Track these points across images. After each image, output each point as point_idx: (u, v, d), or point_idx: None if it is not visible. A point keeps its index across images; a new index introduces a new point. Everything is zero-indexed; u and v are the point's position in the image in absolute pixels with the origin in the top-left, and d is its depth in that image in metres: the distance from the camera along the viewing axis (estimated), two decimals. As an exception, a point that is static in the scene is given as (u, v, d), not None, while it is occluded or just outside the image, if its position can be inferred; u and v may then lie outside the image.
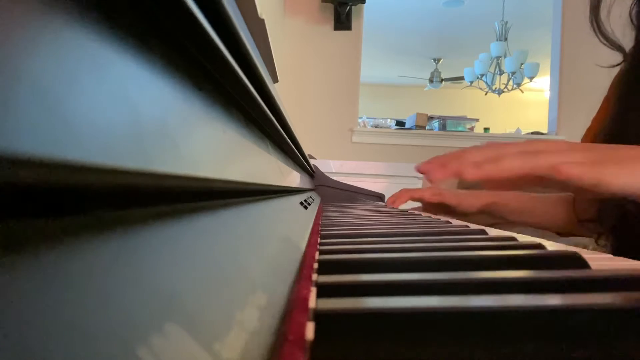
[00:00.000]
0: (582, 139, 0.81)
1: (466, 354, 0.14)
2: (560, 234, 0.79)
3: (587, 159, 0.37)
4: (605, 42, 0.69)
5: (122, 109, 0.10)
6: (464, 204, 0.86)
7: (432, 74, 5.44)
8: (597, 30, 0.69)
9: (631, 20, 0.66)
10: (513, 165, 0.38)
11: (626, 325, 0.15)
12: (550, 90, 2.83)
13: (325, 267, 0.25)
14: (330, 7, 2.62)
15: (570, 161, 0.37)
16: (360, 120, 2.88)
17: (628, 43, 0.68)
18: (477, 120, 3.13)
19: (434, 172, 0.43)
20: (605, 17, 0.68)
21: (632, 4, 0.66)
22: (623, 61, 0.69)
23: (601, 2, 0.68)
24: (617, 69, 0.73)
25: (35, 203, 0.07)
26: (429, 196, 0.93)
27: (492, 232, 0.43)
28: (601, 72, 0.75)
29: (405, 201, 1.01)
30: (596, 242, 0.68)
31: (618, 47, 0.69)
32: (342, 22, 2.62)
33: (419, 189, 0.99)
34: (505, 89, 4.29)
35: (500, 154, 0.40)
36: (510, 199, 0.84)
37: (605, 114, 0.71)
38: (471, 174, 0.40)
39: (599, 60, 0.72)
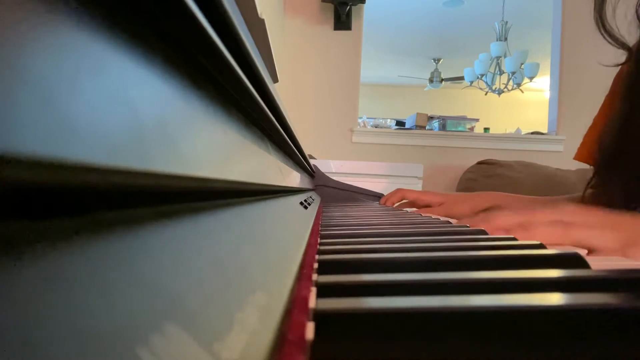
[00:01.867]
0: (584, 137, 0.80)
1: (466, 354, 0.14)
2: None
3: (617, 242, 0.36)
4: (610, 40, 0.69)
5: (122, 109, 0.10)
6: (458, 213, 0.87)
7: (432, 74, 5.44)
8: (602, 29, 0.68)
9: (638, 17, 0.65)
10: (544, 236, 0.37)
11: (626, 325, 0.15)
12: (550, 90, 2.83)
13: (325, 267, 0.25)
14: (330, 7, 2.62)
15: (602, 246, 0.36)
16: (360, 120, 2.88)
17: (633, 42, 0.68)
18: (477, 120, 3.13)
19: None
20: (611, 15, 0.68)
21: (638, 2, 0.66)
22: (628, 60, 0.69)
23: (606, 1, 0.67)
24: (618, 68, 0.73)
25: (35, 203, 0.07)
26: (419, 207, 0.93)
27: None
28: (601, 72, 0.75)
29: (398, 201, 1.02)
30: None
31: (623, 45, 0.69)
32: (342, 22, 2.61)
33: (413, 191, 1.00)
34: (505, 89, 4.29)
35: (531, 220, 0.40)
36: (510, 203, 0.84)
37: (608, 112, 0.71)
38: None
39: (600, 60, 0.72)
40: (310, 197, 0.85)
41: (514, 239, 0.36)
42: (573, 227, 0.38)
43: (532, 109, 5.90)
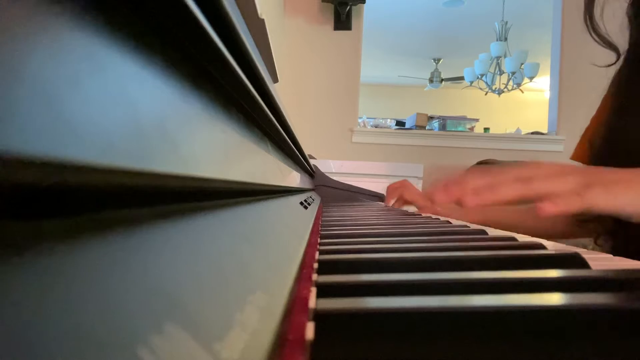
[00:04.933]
0: (581, 137, 0.81)
1: (466, 354, 0.14)
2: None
3: (577, 184, 0.40)
4: (598, 40, 0.69)
5: (122, 108, 0.10)
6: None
7: (432, 74, 5.44)
8: (590, 29, 0.69)
9: (629, 18, 0.66)
10: (508, 192, 0.42)
11: (626, 325, 0.15)
12: (550, 90, 2.83)
13: (325, 267, 0.25)
14: (330, 7, 2.62)
15: (561, 189, 0.40)
16: (360, 120, 2.88)
17: (623, 42, 0.68)
18: (477, 120, 3.12)
19: (437, 195, 0.47)
20: (599, 16, 0.68)
21: (628, 3, 0.66)
22: (617, 60, 0.69)
23: (594, 1, 0.68)
24: (615, 69, 0.73)
25: (35, 203, 0.07)
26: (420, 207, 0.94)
27: (492, 232, 0.44)
28: (601, 72, 0.75)
29: (395, 197, 1.02)
30: (595, 242, 0.68)
31: (611, 46, 0.69)
32: (342, 22, 2.61)
33: (412, 192, 1.00)
34: (505, 89, 4.29)
35: (497, 180, 0.44)
36: (501, 216, 0.84)
37: (603, 113, 0.71)
38: (470, 201, 0.44)
39: (598, 60, 0.72)
40: (310, 197, 0.85)
41: (514, 238, 0.36)
42: (533, 180, 0.41)
43: (532, 109, 5.90)
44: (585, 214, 0.43)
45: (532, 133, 2.91)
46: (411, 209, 0.98)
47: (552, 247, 0.33)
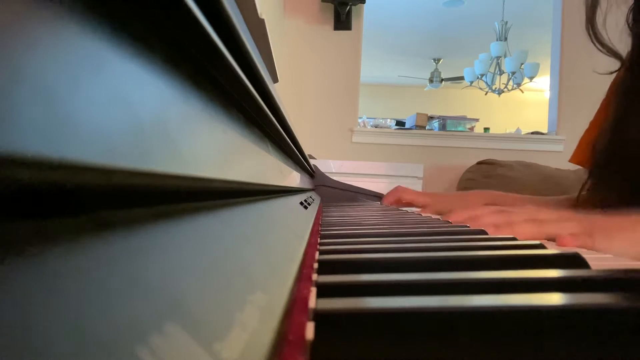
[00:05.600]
0: (580, 140, 0.81)
1: (466, 354, 0.14)
2: None
3: (582, 229, 0.45)
4: (601, 49, 0.69)
5: (122, 108, 0.10)
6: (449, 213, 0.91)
7: (432, 74, 5.44)
8: (593, 38, 0.69)
9: (628, 26, 0.66)
10: (525, 231, 0.46)
11: (626, 325, 0.15)
12: (550, 90, 2.83)
13: (325, 267, 0.25)
14: (330, 7, 2.62)
15: (570, 232, 0.44)
16: (360, 120, 2.87)
17: (624, 49, 0.68)
18: (477, 120, 3.12)
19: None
20: (602, 24, 0.68)
21: (628, 11, 0.66)
22: (620, 67, 0.69)
23: (597, 10, 0.68)
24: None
25: (35, 203, 0.07)
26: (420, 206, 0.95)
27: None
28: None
29: (394, 203, 1.02)
30: None
31: (614, 54, 0.69)
32: (342, 22, 2.61)
33: (410, 192, 1.00)
34: (505, 89, 4.28)
35: (511, 219, 0.49)
36: (503, 202, 0.85)
37: (603, 118, 0.72)
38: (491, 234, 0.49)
39: (598, 62, 0.72)
40: (310, 197, 0.85)
41: (514, 239, 0.36)
42: (546, 223, 0.47)
43: (532, 109, 5.90)
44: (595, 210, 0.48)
45: (532, 133, 2.91)
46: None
47: (552, 247, 0.33)
